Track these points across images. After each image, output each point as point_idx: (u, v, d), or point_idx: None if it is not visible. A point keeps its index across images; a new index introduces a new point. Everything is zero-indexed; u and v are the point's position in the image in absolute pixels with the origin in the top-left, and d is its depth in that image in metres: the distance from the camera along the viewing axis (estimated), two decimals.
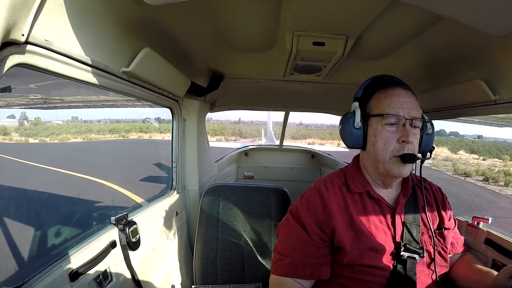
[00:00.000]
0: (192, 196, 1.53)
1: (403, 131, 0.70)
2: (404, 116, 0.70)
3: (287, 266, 0.74)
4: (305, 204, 0.77)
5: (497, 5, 0.52)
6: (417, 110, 0.73)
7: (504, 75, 0.82)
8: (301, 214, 0.76)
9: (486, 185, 11.76)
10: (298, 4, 0.69)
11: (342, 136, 0.80)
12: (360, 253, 0.70)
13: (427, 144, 0.77)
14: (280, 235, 0.81)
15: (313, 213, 0.75)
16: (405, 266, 0.71)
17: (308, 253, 0.74)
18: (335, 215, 0.73)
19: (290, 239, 0.77)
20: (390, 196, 0.79)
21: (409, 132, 0.69)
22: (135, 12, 0.70)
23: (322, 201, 0.75)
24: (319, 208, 0.75)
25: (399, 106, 0.71)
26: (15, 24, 0.44)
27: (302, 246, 0.75)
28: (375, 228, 0.73)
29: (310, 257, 0.73)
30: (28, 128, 18.94)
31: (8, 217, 3.71)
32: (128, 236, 0.94)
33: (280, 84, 1.42)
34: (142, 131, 25.50)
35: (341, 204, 0.75)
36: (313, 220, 0.74)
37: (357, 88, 0.81)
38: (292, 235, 0.77)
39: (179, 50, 1.00)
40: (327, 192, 0.76)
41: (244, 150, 2.86)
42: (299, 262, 0.74)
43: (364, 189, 0.77)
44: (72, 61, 0.61)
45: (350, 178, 0.80)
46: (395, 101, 0.71)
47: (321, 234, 0.73)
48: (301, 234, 0.75)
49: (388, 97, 0.73)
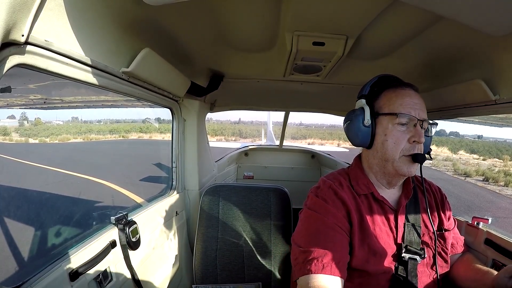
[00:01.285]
0: (192, 196, 1.53)
1: (414, 131, 0.71)
2: (416, 117, 0.71)
3: (329, 263, 0.64)
4: (322, 199, 0.74)
5: (497, 5, 0.52)
6: (425, 112, 0.74)
7: (504, 75, 0.82)
8: (323, 204, 0.72)
9: (486, 185, 11.75)
10: (298, 4, 0.69)
11: (348, 134, 0.78)
12: (366, 258, 0.70)
13: (427, 145, 0.78)
14: (303, 231, 0.73)
15: (334, 206, 0.72)
16: (407, 267, 0.71)
17: (343, 246, 0.68)
18: (352, 212, 0.72)
19: (322, 230, 0.69)
20: (393, 197, 0.79)
21: (421, 132, 0.70)
22: (135, 12, 0.70)
23: (337, 197, 0.73)
24: (338, 203, 0.73)
25: (410, 106, 0.71)
26: (15, 24, 0.44)
27: (336, 237, 0.68)
28: (380, 230, 0.73)
29: (346, 251, 0.68)
30: (28, 128, 18.93)
31: (8, 217, 3.72)
32: (128, 236, 0.94)
33: (280, 84, 1.42)
34: (142, 131, 25.50)
35: (353, 203, 0.74)
36: (338, 211, 0.71)
37: (358, 88, 0.81)
38: (321, 226, 0.70)
39: (179, 50, 1.00)
40: (339, 189, 0.75)
41: (244, 150, 2.86)
42: (342, 257, 0.66)
43: (368, 190, 0.76)
44: (72, 62, 0.61)
45: (353, 180, 0.79)
46: (408, 101, 0.72)
47: (348, 224, 0.71)
48: (332, 224, 0.69)
49: (399, 97, 0.73)
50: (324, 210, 0.72)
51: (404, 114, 0.70)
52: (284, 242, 1.28)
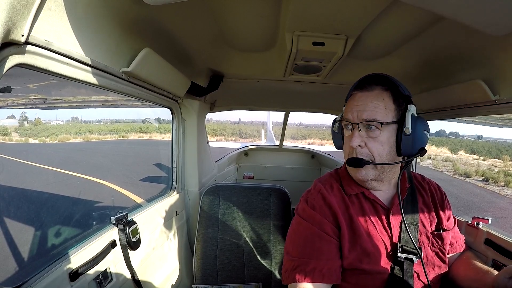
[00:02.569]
0: (192, 196, 1.53)
1: (351, 135, 0.72)
2: (353, 120, 0.71)
3: (311, 271, 0.66)
4: (311, 206, 0.76)
5: (497, 5, 0.52)
6: (371, 111, 0.68)
7: (504, 75, 0.82)
8: (311, 213, 0.74)
9: (486, 186, 11.76)
10: (298, 4, 0.69)
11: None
12: (359, 258, 0.70)
13: (408, 145, 0.70)
14: (292, 239, 0.75)
15: (322, 213, 0.73)
16: (403, 267, 0.71)
17: (331, 251, 0.70)
18: (339, 216, 0.72)
19: (309, 239, 0.71)
20: (386, 196, 0.78)
21: (354, 136, 0.70)
22: (135, 12, 0.70)
23: (325, 202, 0.74)
24: (325, 209, 0.74)
25: (349, 109, 0.72)
26: (15, 24, 0.44)
27: (322, 245, 0.70)
28: (373, 229, 0.73)
29: (334, 256, 0.70)
30: (28, 128, 18.95)
31: (8, 217, 3.72)
32: (128, 236, 0.94)
33: (280, 84, 1.42)
34: (142, 131, 25.52)
35: (342, 205, 0.75)
36: (325, 217, 0.73)
37: None
38: (309, 235, 0.72)
39: (179, 50, 1.00)
40: (327, 193, 0.76)
41: (244, 150, 2.86)
42: (325, 264, 0.67)
43: (359, 190, 0.76)
44: (72, 61, 0.61)
45: (344, 180, 0.79)
46: (350, 105, 0.73)
47: (336, 229, 0.72)
48: (318, 232, 0.71)
49: (349, 102, 0.74)
50: (311, 218, 0.73)
51: (344, 120, 0.73)
52: (284, 242, 1.27)
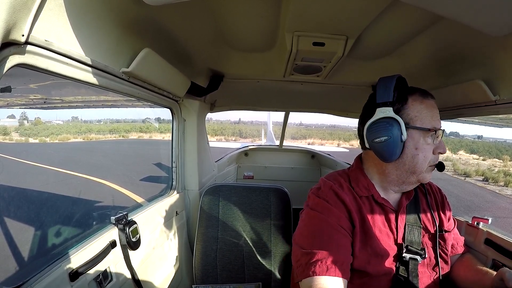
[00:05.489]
0: (192, 196, 1.53)
1: (439, 143, 0.71)
2: (442, 129, 0.71)
3: (332, 264, 0.63)
4: (324, 200, 0.73)
5: (497, 5, 0.52)
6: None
7: (504, 75, 0.81)
8: (327, 206, 0.71)
9: (486, 185, 11.76)
10: (298, 4, 0.69)
11: (379, 148, 0.69)
12: (367, 258, 0.69)
13: None
14: (306, 233, 0.71)
15: (337, 207, 0.72)
16: (408, 267, 0.71)
17: (347, 247, 0.68)
18: (353, 213, 0.71)
19: (326, 232, 0.68)
20: (393, 198, 0.78)
21: (444, 144, 0.72)
22: (135, 12, 0.70)
23: (338, 198, 0.72)
24: (340, 205, 0.72)
25: (437, 118, 0.71)
26: (15, 24, 0.44)
27: (340, 238, 0.68)
28: (379, 232, 0.73)
29: (349, 252, 0.68)
30: (28, 128, 18.94)
31: (8, 217, 3.72)
32: (128, 235, 0.94)
33: (280, 84, 1.42)
34: (142, 131, 25.53)
35: (354, 204, 0.73)
36: (340, 212, 0.71)
37: (358, 88, 0.81)
38: (325, 227, 0.69)
39: (179, 50, 1.00)
40: (339, 190, 0.74)
41: (244, 150, 2.86)
42: (345, 259, 0.66)
43: (369, 193, 0.76)
44: (72, 61, 0.61)
45: (354, 181, 0.78)
46: (436, 114, 0.71)
47: (350, 226, 0.70)
48: (336, 226, 0.68)
49: (429, 109, 0.70)
50: (327, 211, 0.70)
51: (439, 130, 0.70)
52: (284, 242, 1.28)
